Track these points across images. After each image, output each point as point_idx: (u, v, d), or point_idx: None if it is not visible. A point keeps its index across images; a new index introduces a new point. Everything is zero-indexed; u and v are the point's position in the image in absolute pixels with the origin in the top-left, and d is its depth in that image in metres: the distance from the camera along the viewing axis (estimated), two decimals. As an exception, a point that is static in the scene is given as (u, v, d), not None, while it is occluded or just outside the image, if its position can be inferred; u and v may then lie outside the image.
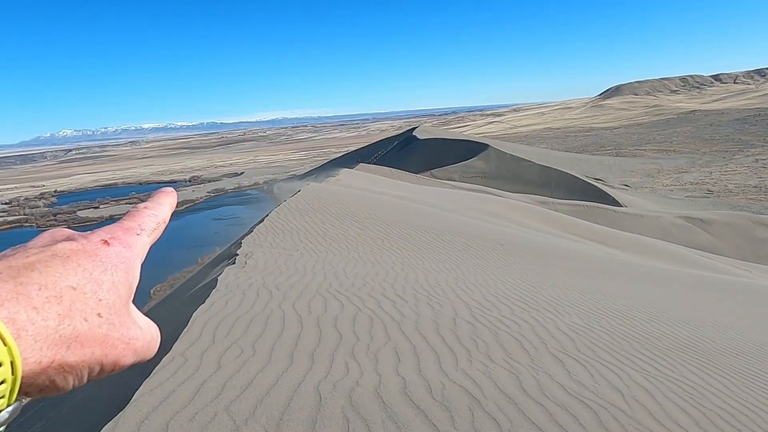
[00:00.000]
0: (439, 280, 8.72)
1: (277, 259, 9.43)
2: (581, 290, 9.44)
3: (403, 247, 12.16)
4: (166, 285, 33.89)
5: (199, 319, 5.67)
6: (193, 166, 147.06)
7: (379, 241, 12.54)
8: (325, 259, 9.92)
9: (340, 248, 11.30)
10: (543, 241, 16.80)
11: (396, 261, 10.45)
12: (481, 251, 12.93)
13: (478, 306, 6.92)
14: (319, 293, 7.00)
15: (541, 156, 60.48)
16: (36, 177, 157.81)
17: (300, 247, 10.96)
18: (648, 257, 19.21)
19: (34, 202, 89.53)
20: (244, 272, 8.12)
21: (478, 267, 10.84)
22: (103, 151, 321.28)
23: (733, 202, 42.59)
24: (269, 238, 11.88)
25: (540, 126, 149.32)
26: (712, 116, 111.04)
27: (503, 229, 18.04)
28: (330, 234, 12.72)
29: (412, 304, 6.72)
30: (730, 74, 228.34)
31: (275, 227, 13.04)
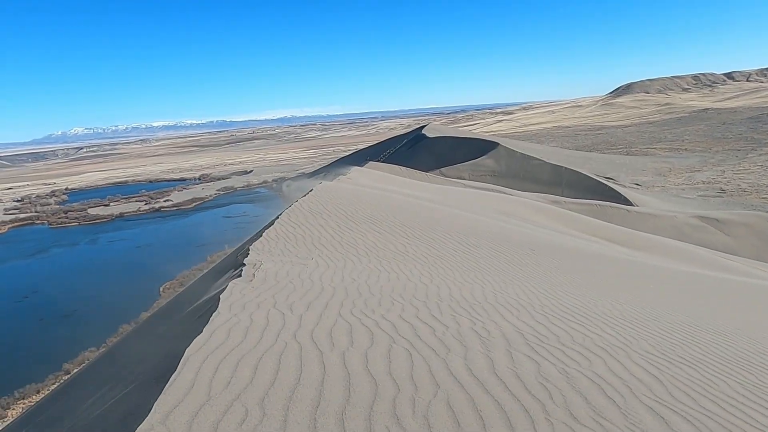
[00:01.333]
0: (476, 294, 7.80)
1: (289, 271, 8.39)
2: (635, 304, 8.57)
3: (428, 254, 11.18)
4: (176, 283, 34.03)
5: (192, 360, 4.50)
6: (202, 164, 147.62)
7: (401, 246, 11.59)
8: (344, 269, 8.92)
9: (359, 256, 10.28)
10: (570, 245, 16.08)
11: (423, 271, 9.50)
12: (511, 257, 12.10)
13: (532, 331, 5.87)
14: (341, 316, 5.97)
15: (552, 154, 60.07)
16: (47, 174, 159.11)
17: (315, 255, 9.95)
18: (674, 260, 18.58)
19: (45, 199, 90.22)
20: (251, 287, 7.17)
21: (513, 276, 9.99)
22: (114, 149, 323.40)
23: (746, 202, 42.05)
24: (280, 244, 10.87)
25: (550, 124, 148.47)
26: (725, 114, 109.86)
27: (525, 231, 17.32)
28: (347, 239, 11.69)
29: (454, 330, 5.70)
30: (743, 72, 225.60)
31: (286, 232, 11.99)
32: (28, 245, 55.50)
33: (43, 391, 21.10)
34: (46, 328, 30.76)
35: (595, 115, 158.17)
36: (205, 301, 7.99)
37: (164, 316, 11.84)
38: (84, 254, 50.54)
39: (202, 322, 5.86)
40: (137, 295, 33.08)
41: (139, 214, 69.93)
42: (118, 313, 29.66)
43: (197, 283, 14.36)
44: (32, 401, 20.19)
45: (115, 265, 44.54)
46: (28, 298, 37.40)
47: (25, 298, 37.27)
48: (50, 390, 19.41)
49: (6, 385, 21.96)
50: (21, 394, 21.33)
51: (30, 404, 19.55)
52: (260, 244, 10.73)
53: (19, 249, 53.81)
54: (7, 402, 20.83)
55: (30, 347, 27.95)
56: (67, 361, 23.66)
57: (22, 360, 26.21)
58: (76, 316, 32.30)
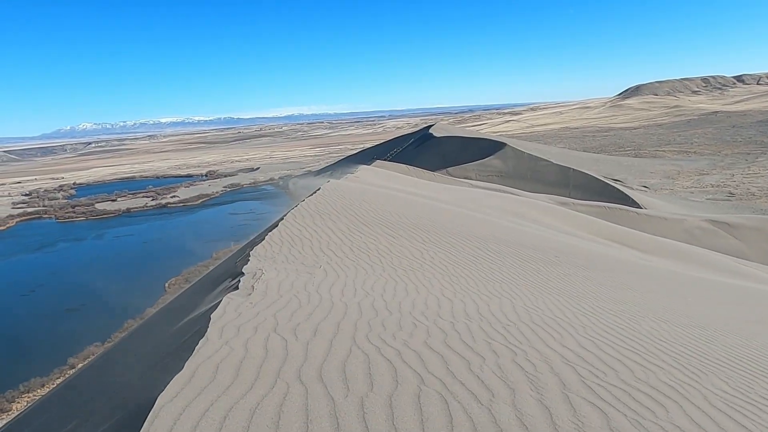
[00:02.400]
0: (506, 310, 6.90)
1: (294, 281, 7.40)
2: (680, 321, 7.73)
3: (447, 261, 10.20)
4: (181, 279, 34.09)
5: (163, 416, 3.44)
6: (209, 160, 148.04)
7: (417, 252, 10.57)
8: (355, 279, 7.97)
9: (372, 264, 9.30)
10: (590, 250, 15.37)
11: (444, 281, 8.52)
12: (536, 265, 11.19)
13: (583, 363, 4.83)
14: (356, 344, 4.96)
15: (559, 156, 59.79)
16: (56, 169, 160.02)
17: (323, 262, 8.99)
18: (692, 265, 18.04)
19: (53, 194, 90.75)
20: (249, 303, 6.18)
21: (542, 288, 9.18)
22: (122, 145, 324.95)
23: (755, 206, 41.68)
24: (284, 248, 9.82)
25: (558, 125, 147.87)
26: (735, 118, 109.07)
27: (544, 235, 16.61)
28: (358, 244, 10.73)
29: (492, 362, 4.64)
30: (753, 75, 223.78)
31: (291, 235, 10.93)
32: (35, 239, 55.80)
33: (48, 385, 21.17)
34: (52, 322, 30.88)
35: (603, 117, 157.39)
36: (195, 318, 7.01)
37: (147, 333, 10.73)
38: (90, 249, 50.76)
39: (186, 348, 4.93)
40: (143, 290, 33.17)
41: (146, 209, 70.19)
42: (123, 308, 29.75)
43: (193, 289, 12.98)
44: (37, 395, 20.24)
45: (121, 260, 44.70)
46: (34, 291, 37.59)
47: (31, 292, 37.47)
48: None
49: (11, 379, 22.05)
50: (26, 387, 21.41)
51: (35, 398, 19.59)
52: (262, 249, 9.66)
53: (27, 243, 54.11)
54: (12, 395, 20.91)
55: (35, 341, 28.06)
56: (72, 355, 23.73)
57: (27, 353, 26.32)
58: (81, 310, 32.42)
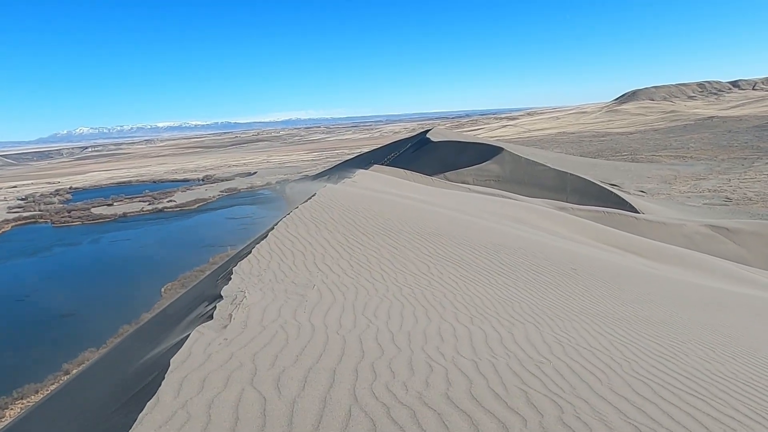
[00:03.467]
0: (535, 341, 5.90)
1: (282, 307, 6.30)
2: (734, 351, 6.85)
3: (458, 277, 9.24)
4: (177, 284, 33.89)
5: None
6: (206, 165, 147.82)
7: (423, 267, 9.62)
8: (355, 302, 6.98)
9: (373, 281, 8.32)
10: (601, 259, 14.72)
11: (457, 302, 7.58)
12: (554, 279, 10.33)
13: (648, 421, 3.93)
14: (358, 401, 3.87)
15: (556, 160, 59.83)
16: (52, 173, 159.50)
17: (317, 280, 7.95)
18: (702, 273, 17.71)
19: (49, 198, 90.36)
20: (222, 339, 5.00)
21: (568, 308, 8.25)
22: (119, 149, 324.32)
23: (752, 210, 41.71)
24: (273, 264, 8.73)
25: (554, 130, 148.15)
26: (731, 123, 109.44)
27: (552, 243, 15.83)
28: (357, 257, 9.74)
29: (535, 424, 3.66)
30: (749, 80, 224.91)
31: (282, 247, 9.84)
32: (30, 244, 55.47)
33: (42, 392, 20.95)
34: (47, 327, 30.62)
35: (600, 122, 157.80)
36: (153, 360, 5.83)
37: (90, 379, 9.23)
38: (86, 254, 50.47)
39: (131, 409, 3.98)
40: (139, 295, 32.94)
41: (143, 214, 69.91)
42: (119, 313, 29.52)
43: (171, 310, 11.69)
44: (31, 401, 20.02)
45: (117, 265, 44.45)
46: (29, 296, 37.30)
47: (26, 297, 37.18)
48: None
49: (5, 385, 21.81)
50: (19, 393, 21.17)
51: (28, 404, 19.38)
52: (247, 265, 8.55)
53: (22, 248, 53.78)
54: (5, 402, 20.66)
55: (30, 347, 27.80)
56: (66, 361, 23.51)
57: (22, 360, 26.07)
58: (76, 316, 32.16)
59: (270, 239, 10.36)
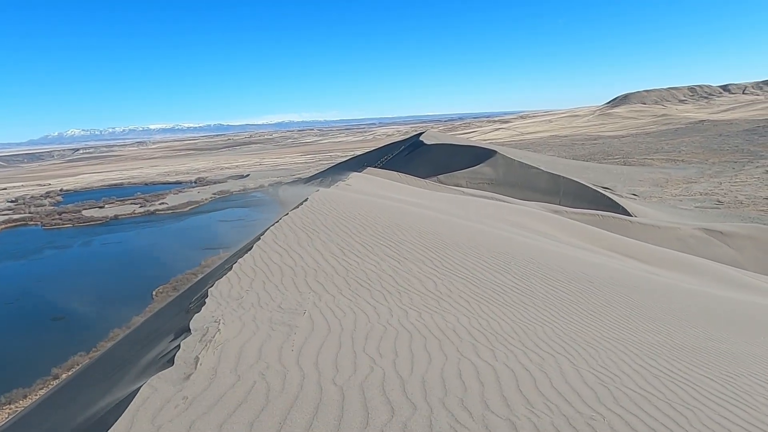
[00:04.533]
0: (575, 383, 5.06)
1: (264, 344, 5.22)
2: None
3: (469, 295, 8.27)
4: (169, 287, 33.63)
5: None
6: (199, 167, 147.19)
7: (430, 283, 8.62)
8: (354, 334, 5.92)
9: (375, 302, 7.31)
10: (614, 267, 14.01)
11: (474, 330, 6.58)
12: (573, 294, 9.43)
13: None
14: None
15: (549, 163, 60.00)
16: (42, 175, 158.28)
17: (309, 303, 6.94)
18: (706, 280, 17.34)
19: (39, 200, 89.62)
20: (181, 399, 3.92)
21: (597, 333, 7.30)
22: (110, 151, 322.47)
23: (743, 214, 41.98)
24: (257, 283, 7.62)
25: (547, 133, 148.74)
26: (721, 126, 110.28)
27: (558, 250, 15.04)
28: (355, 272, 8.64)
29: None
30: (739, 85, 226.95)
31: (268, 261, 8.66)
32: (20, 246, 54.93)
33: (31, 397, 20.67)
34: (36, 331, 30.28)
35: (592, 125, 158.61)
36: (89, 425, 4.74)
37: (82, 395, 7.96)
38: (76, 256, 50.02)
39: None
40: (130, 298, 32.67)
41: (134, 216, 69.43)
42: (109, 317, 29.23)
43: (141, 332, 10.54)
44: (19, 407, 19.75)
45: (107, 268, 44.07)
46: (18, 300, 36.89)
47: (15, 300, 36.77)
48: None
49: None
50: (7, 399, 20.88)
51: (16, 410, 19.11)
52: (226, 285, 7.38)
53: (11, 250, 53.23)
54: (-7, 407, 20.38)
55: (18, 351, 27.46)
56: (56, 365, 23.22)
57: (10, 364, 25.72)
58: (66, 319, 31.83)
59: (255, 252, 9.13)
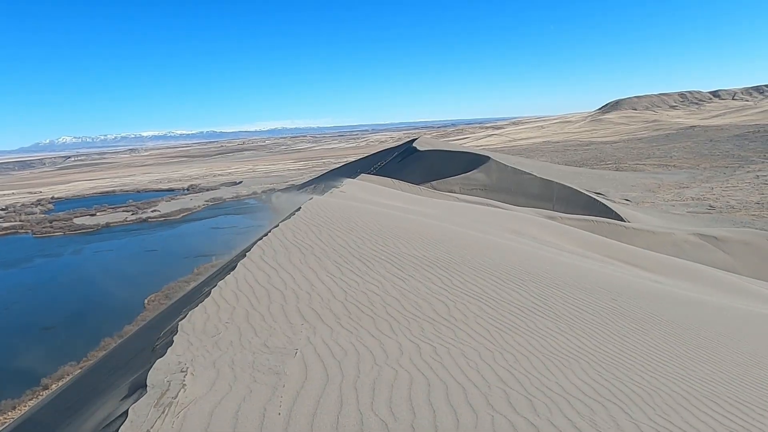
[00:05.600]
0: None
1: (242, 405, 4.13)
2: None
3: (488, 321, 7.09)
4: (161, 295, 33.34)
5: None
6: (191, 174, 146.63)
7: (441, 307, 7.34)
8: (357, 382, 4.76)
9: (380, 335, 6.11)
10: (628, 279, 13.29)
11: (499, 368, 5.47)
12: (598, 314, 8.43)
13: None
14: None
15: (541, 169, 60.18)
16: (34, 183, 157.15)
17: (301, 340, 5.69)
18: (708, 287, 17.10)
19: (30, 208, 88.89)
20: None
21: (640, 366, 6.39)
22: (102, 159, 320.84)
23: (735, 218, 42.19)
24: (239, 311, 6.35)
25: (539, 139, 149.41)
26: (712, 132, 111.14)
27: (568, 261, 14.17)
28: (355, 295, 7.37)
29: None
30: (729, 90, 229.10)
31: (254, 283, 7.45)
32: (10, 255, 54.39)
33: (20, 407, 20.36)
34: (27, 340, 29.90)
35: (584, 131, 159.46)
36: None
37: None
38: (68, 265, 49.57)
39: None
40: (121, 307, 32.36)
41: (126, 224, 69.00)
42: (100, 326, 28.95)
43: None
44: (8, 418, 19.43)
45: (99, 276, 43.67)
46: (8, 309, 36.46)
47: (5, 309, 36.34)
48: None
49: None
50: (-4, 410, 20.56)
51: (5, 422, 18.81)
52: (201, 316, 6.07)
53: (1, 259, 52.68)
54: (-19, 419, 20.04)
55: (8, 361, 27.08)
56: (46, 375, 22.92)
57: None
58: (57, 328, 31.48)
59: (238, 272, 7.80)
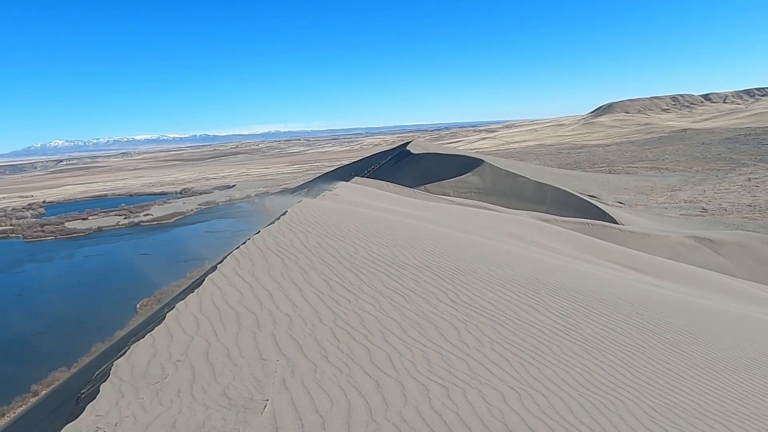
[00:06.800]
0: None
1: None
2: None
3: (505, 345, 5.99)
4: (153, 299, 33.05)
5: None
6: (184, 178, 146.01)
7: (451, 331, 6.17)
8: None
9: (378, 373, 4.86)
10: (641, 288, 12.76)
11: (537, 421, 4.51)
12: (626, 331, 7.52)
13: None
14: None
15: (535, 172, 60.29)
16: (25, 187, 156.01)
17: (275, 381, 4.49)
18: (712, 293, 16.87)
19: (21, 212, 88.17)
20: None
21: (688, 401, 5.71)
22: (95, 162, 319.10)
23: (728, 221, 42.37)
24: (197, 344, 4.99)
25: (533, 142, 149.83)
26: (703, 135, 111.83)
27: (576, 267, 13.65)
28: (346, 315, 6.11)
29: None
30: (720, 94, 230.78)
31: (222, 305, 5.96)
32: (0, 259, 53.85)
33: (9, 414, 20.06)
34: (17, 346, 29.56)
35: (577, 134, 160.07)
36: None
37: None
38: (59, 269, 49.13)
39: None
40: (113, 312, 32.05)
41: (118, 228, 68.55)
42: (92, 331, 28.65)
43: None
44: (-3, 425, 19.14)
45: (90, 280, 43.31)
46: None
47: (-5, 315, 35.91)
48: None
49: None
50: (-15, 417, 20.24)
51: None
52: (145, 352, 4.76)
53: (-8, 263, 52.15)
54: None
55: (-3, 367, 26.74)
56: (35, 382, 22.63)
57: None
58: (48, 333, 31.14)
59: (204, 290, 6.30)
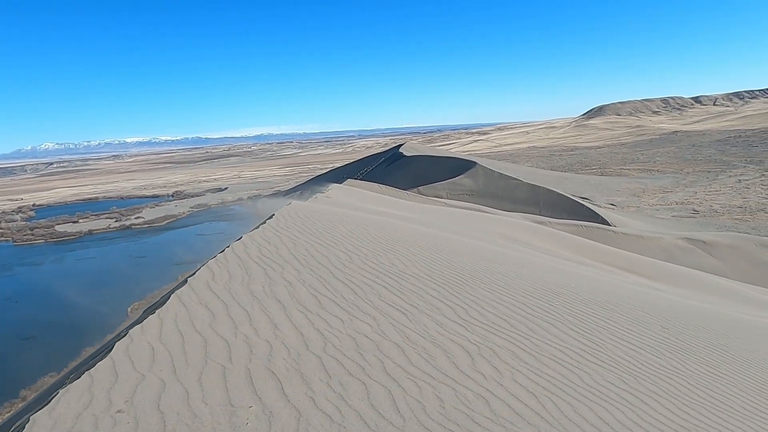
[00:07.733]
0: None
1: None
2: None
3: (529, 375, 5.11)
4: (144, 303, 32.75)
5: None
6: (176, 180, 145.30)
7: (463, 358, 5.30)
8: None
9: (379, 422, 4.02)
10: (654, 295, 12.39)
11: None
12: (664, 357, 6.59)
13: None
14: None
15: (527, 174, 60.46)
16: (14, 190, 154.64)
17: (250, 421, 3.86)
18: (713, 294, 16.73)
19: (11, 215, 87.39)
20: None
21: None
22: (85, 165, 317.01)
23: (719, 223, 42.63)
24: (148, 386, 4.24)
25: (525, 144, 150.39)
26: (694, 137, 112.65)
27: (582, 273, 13.13)
28: (339, 343, 5.21)
29: None
30: (710, 96, 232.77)
31: (188, 328, 5.14)
32: (-11, 263, 53.27)
33: (-3, 421, 19.77)
34: (5, 351, 29.19)
35: (568, 136, 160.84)
36: None
37: None
38: (49, 273, 48.63)
39: None
40: (103, 316, 31.70)
41: (110, 231, 68.01)
42: (82, 335, 28.32)
43: None
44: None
45: (81, 284, 42.88)
46: (-14, 319, 35.61)
47: (-17, 320, 35.48)
48: (4, 420, 18.00)
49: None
50: (-28, 424, 19.93)
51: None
52: (77, 397, 4.09)
53: (-20, 267, 51.58)
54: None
55: (-15, 372, 26.39)
56: (24, 387, 22.34)
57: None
58: (38, 338, 30.78)
59: (166, 311, 5.42)
